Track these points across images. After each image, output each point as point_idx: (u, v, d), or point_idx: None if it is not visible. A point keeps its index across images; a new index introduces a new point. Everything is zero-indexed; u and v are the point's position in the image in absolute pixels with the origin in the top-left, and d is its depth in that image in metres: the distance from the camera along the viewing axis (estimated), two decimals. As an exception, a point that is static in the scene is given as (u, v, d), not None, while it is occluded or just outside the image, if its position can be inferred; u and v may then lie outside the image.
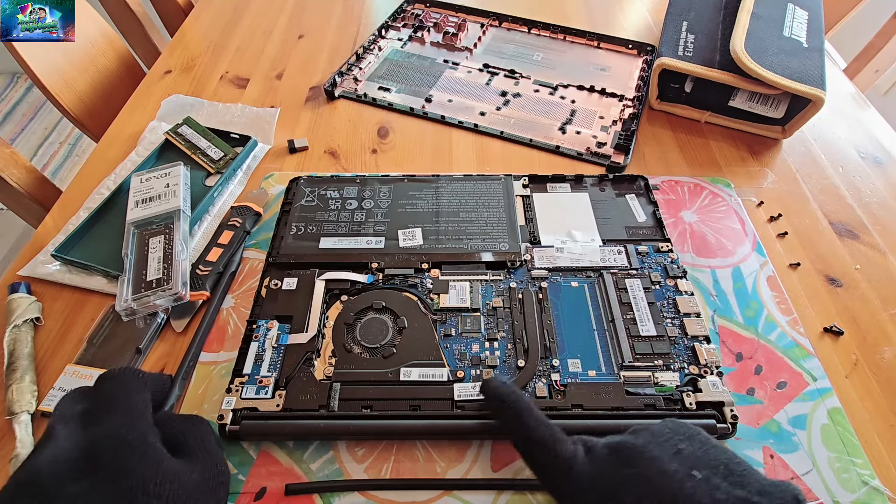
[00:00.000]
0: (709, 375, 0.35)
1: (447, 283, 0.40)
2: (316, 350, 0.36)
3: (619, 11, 0.74)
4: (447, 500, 0.32)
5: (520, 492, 0.32)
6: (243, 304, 0.41)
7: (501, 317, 0.38)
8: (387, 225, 0.44)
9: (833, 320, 0.40)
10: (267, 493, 0.32)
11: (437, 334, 0.37)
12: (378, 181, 0.48)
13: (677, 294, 0.40)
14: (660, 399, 0.34)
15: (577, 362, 0.36)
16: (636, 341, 0.37)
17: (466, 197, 0.46)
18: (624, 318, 0.38)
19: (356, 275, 0.41)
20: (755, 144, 0.55)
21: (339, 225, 0.44)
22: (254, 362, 0.36)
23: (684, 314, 0.38)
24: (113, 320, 0.40)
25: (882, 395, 0.36)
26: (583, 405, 0.34)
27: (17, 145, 1.58)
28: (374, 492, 0.32)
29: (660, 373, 0.35)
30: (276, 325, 0.38)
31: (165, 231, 0.43)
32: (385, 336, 0.37)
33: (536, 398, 0.34)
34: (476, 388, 0.34)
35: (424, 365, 0.36)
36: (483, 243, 0.43)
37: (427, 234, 0.43)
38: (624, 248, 0.42)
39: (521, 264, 0.41)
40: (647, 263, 0.42)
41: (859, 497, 0.32)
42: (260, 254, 0.44)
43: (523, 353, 0.36)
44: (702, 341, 0.37)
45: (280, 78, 0.63)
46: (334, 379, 0.35)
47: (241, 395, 0.34)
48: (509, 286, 0.40)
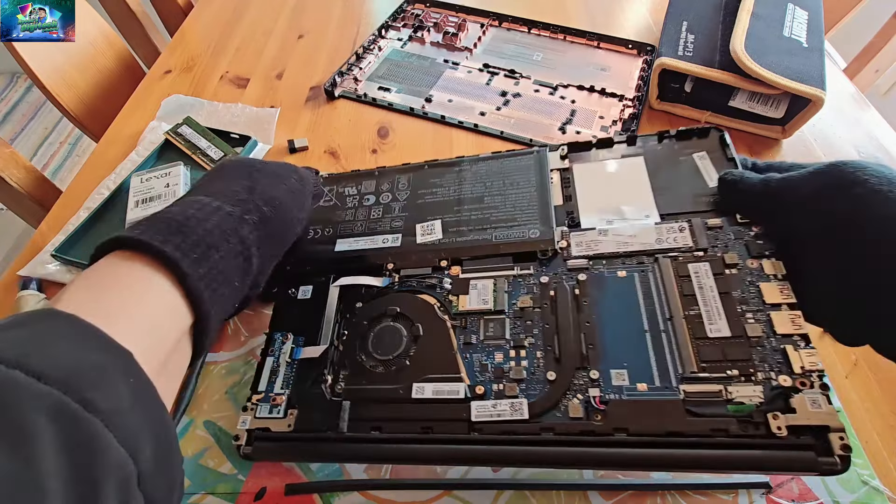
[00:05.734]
0: (806, 389, 0.26)
1: (467, 283, 0.35)
2: (328, 364, 0.33)
3: (619, 11, 0.74)
4: (447, 500, 0.32)
5: (520, 492, 0.32)
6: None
7: (530, 319, 0.32)
8: (404, 219, 0.39)
9: (833, 320, 0.40)
10: (267, 492, 0.32)
11: (457, 343, 0.32)
12: (397, 171, 0.43)
13: (762, 279, 0.30)
14: (734, 422, 0.26)
15: (622, 373, 0.29)
16: (703, 345, 0.29)
17: (493, 178, 0.40)
18: (686, 314, 0.30)
19: (371, 279, 0.37)
20: (755, 144, 0.55)
21: (356, 224, 0.40)
22: (269, 379, 0.34)
23: (772, 306, 0.29)
24: (113, 320, 0.40)
25: (882, 395, 0.36)
26: (628, 429, 0.27)
27: (16, 145, 1.58)
28: (374, 492, 0.32)
29: (736, 386, 0.27)
30: (291, 337, 0.35)
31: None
32: (399, 347, 0.33)
33: (570, 419, 0.28)
34: (497, 406, 0.29)
35: (440, 380, 0.31)
36: (510, 231, 0.36)
37: (447, 226, 0.38)
38: (688, 224, 0.33)
39: (555, 254, 0.34)
40: (721, 241, 0.32)
41: (859, 497, 0.32)
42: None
43: (554, 363, 0.30)
44: (798, 342, 0.28)
45: (280, 78, 0.63)
46: (344, 396, 0.32)
47: (255, 413, 0.32)
48: (540, 281, 0.33)
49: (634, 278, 0.32)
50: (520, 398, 0.29)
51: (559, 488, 0.32)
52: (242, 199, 0.30)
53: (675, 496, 0.32)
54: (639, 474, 0.32)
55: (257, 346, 0.39)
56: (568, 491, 0.32)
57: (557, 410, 0.28)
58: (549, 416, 0.28)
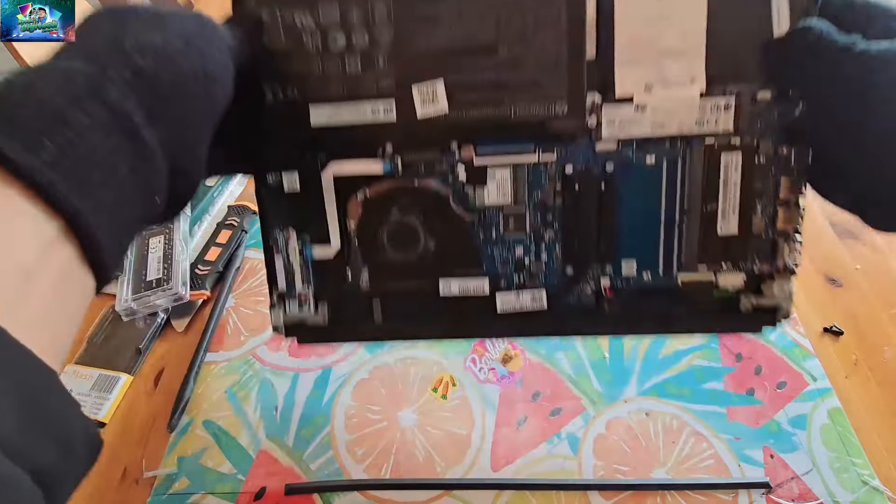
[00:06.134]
0: (779, 277, 0.29)
1: (484, 171, 0.31)
2: (344, 263, 0.32)
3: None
4: (447, 500, 0.32)
5: (520, 492, 0.32)
6: (243, 304, 0.41)
7: (552, 213, 0.31)
8: (394, 76, 0.30)
9: (833, 320, 0.40)
10: (267, 492, 0.32)
11: (477, 238, 0.31)
12: None
13: (786, 172, 0.29)
14: (716, 306, 0.29)
15: (631, 264, 0.30)
16: (709, 242, 0.29)
17: (509, 11, 0.29)
18: (703, 210, 0.29)
19: (370, 162, 0.31)
20: None
21: (330, 82, 0.30)
22: (286, 278, 0.32)
23: (783, 202, 0.29)
24: (113, 320, 0.40)
25: (882, 395, 0.36)
26: (629, 313, 0.30)
27: (17, 145, 1.58)
28: (374, 492, 0.32)
29: (724, 274, 0.29)
30: (293, 234, 0.32)
31: (165, 231, 0.43)
32: (417, 245, 0.31)
33: (583, 307, 0.30)
34: (521, 296, 0.31)
35: (463, 276, 0.31)
36: (533, 104, 0.30)
37: (453, 90, 0.30)
38: (735, 99, 0.28)
39: (583, 134, 0.30)
40: (763, 121, 0.28)
41: (859, 497, 0.32)
42: (260, 253, 0.44)
43: (572, 257, 0.30)
44: (791, 236, 0.29)
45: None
46: (372, 294, 0.32)
47: (286, 310, 0.32)
48: (564, 172, 0.30)
49: (662, 167, 0.30)
50: (539, 289, 0.31)
51: (559, 488, 0.32)
52: (100, 53, 0.20)
53: (674, 496, 0.32)
54: (639, 474, 0.32)
55: (257, 346, 0.39)
56: (568, 491, 0.32)
57: (568, 303, 0.30)
58: (564, 305, 0.31)
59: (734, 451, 0.33)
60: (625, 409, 0.35)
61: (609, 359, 0.38)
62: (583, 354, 0.38)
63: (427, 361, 0.38)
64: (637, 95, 0.29)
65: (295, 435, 0.34)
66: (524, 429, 0.35)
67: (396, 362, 0.38)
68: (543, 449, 0.34)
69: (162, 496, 0.32)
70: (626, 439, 0.34)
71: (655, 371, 0.37)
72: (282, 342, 0.39)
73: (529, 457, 0.33)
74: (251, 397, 0.36)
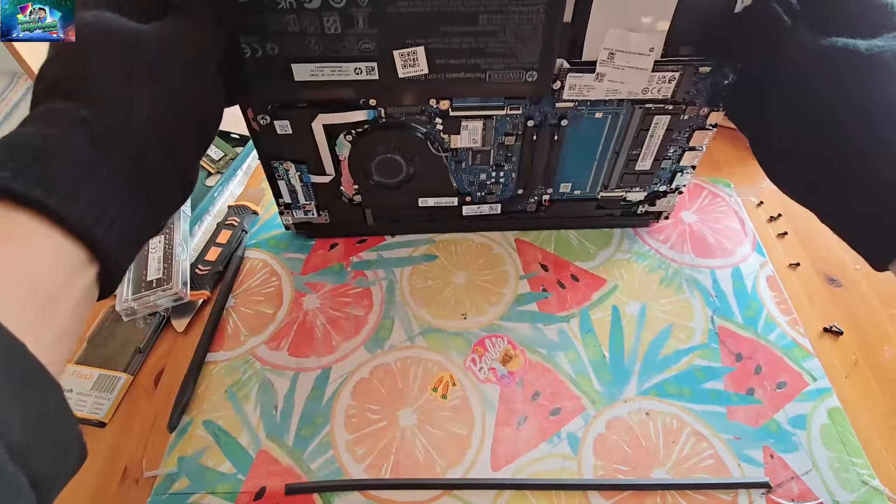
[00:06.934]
0: (671, 194, 0.42)
1: (458, 122, 0.36)
2: (341, 185, 0.40)
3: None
4: (447, 500, 0.32)
5: (520, 491, 0.32)
6: (243, 304, 0.41)
7: (511, 151, 0.39)
8: (376, 39, 0.30)
9: (833, 320, 0.40)
10: (267, 492, 0.32)
11: (450, 168, 0.39)
12: None
13: (700, 126, 0.37)
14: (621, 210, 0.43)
15: (568, 185, 0.41)
16: (627, 173, 0.40)
17: None
18: (629, 153, 0.39)
19: (357, 112, 0.35)
20: None
21: (309, 41, 0.30)
22: (290, 196, 0.41)
23: (691, 147, 0.38)
24: (113, 320, 0.40)
25: (882, 395, 0.36)
26: (559, 215, 0.43)
27: (17, 145, 1.58)
28: (374, 492, 0.32)
29: (633, 194, 0.42)
30: (292, 165, 0.39)
31: (165, 231, 0.43)
32: (400, 173, 0.39)
33: (527, 212, 0.43)
34: (480, 208, 0.42)
35: (438, 195, 0.41)
36: (507, 72, 0.32)
37: (433, 55, 0.31)
38: (680, 74, 0.33)
39: (548, 95, 0.35)
40: (697, 89, 0.35)
41: (859, 497, 0.32)
42: (260, 253, 0.44)
43: (523, 180, 0.40)
44: (687, 169, 0.40)
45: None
46: (364, 205, 0.42)
47: (292, 216, 0.42)
48: (525, 123, 0.37)
49: (607, 121, 0.37)
50: (496, 203, 0.42)
51: (559, 488, 0.32)
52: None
53: (674, 496, 0.32)
54: (638, 474, 0.32)
55: (257, 346, 0.39)
56: (568, 491, 0.32)
57: (518, 209, 0.42)
58: (514, 211, 0.43)
59: (734, 451, 0.33)
60: (625, 409, 0.35)
61: (609, 359, 0.38)
62: (583, 354, 0.38)
63: (427, 361, 0.38)
64: (600, 61, 0.33)
65: (295, 435, 0.34)
66: (524, 428, 0.35)
67: (396, 362, 0.38)
68: (543, 449, 0.34)
69: (162, 496, 0.32)
70: (626, 439, 0.34)
71: (655, 371, 0.37)
72: (282, 342, 0.39)
73: (529, 456, 0.33)
74: (251, 397, 0.36)
